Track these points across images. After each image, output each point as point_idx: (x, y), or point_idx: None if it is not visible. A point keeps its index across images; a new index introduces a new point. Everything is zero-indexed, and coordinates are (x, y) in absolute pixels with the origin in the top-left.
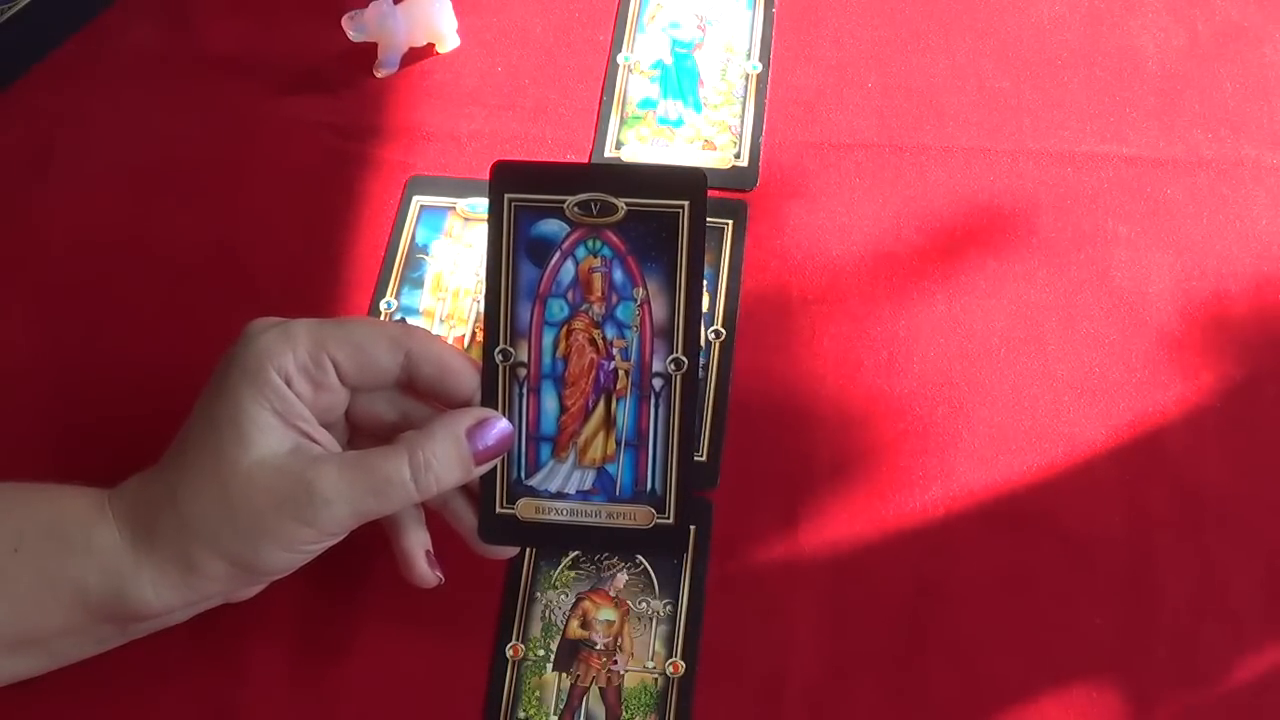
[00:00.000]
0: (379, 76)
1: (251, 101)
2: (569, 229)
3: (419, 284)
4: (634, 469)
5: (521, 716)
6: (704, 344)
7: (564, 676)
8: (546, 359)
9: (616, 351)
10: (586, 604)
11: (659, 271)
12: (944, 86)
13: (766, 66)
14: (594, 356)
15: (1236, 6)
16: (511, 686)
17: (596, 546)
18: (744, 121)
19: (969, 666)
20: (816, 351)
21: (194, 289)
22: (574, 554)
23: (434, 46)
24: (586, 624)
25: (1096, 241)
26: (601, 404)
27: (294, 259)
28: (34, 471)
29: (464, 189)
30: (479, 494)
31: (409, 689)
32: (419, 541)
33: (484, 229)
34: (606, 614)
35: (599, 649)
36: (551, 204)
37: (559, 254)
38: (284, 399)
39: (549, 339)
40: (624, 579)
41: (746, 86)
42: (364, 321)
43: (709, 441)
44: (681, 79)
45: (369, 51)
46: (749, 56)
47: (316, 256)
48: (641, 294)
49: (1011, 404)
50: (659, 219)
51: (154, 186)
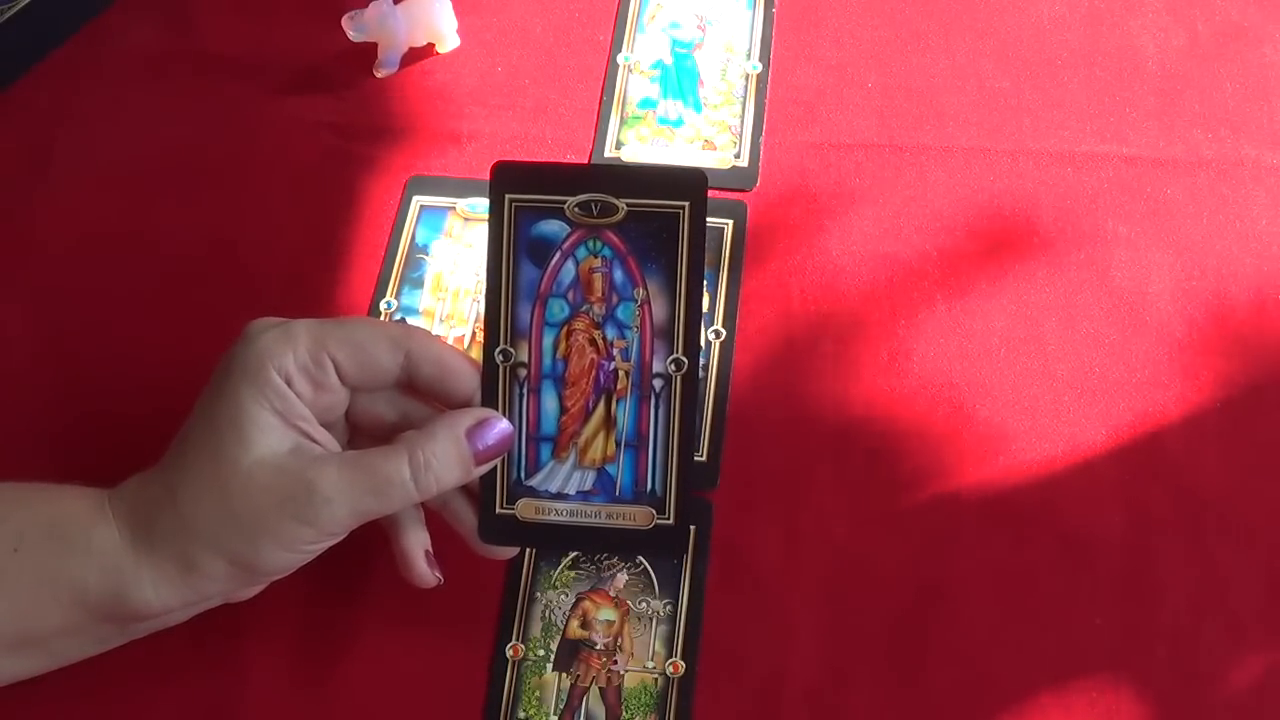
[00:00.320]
0: (379, 76)
1: (251, 101)
2: (569, 229)
3: (419, 284)
4: (634, 469)
5: (521, 716)
6: (704, 344)
7: (564, 676)
8: (547, 359)
9: (617, 352)
10: (586, 604)
11: (659, 272)
12: (944, 86)
13: (766, 66)
14: (594, 357)
15: (1236, 6)
16: (511, 686)
17: (596, 547)
18: (744, 121)
19: (969, 666)
20: (816, 351)
21: (194, 289)
22: (574, 554)
23: (434, 46)
24: (586, 624)
25: (1096, 241)
26: (602, 404)
27: (294, 259)
28: (34, 471)
29: (464, 189)
30: (479, 494)
31: (409, 689)
32: (418, 542)
33: (484, 229)
34: (606, 614)
35: (599, 649)
36: (552, 204)
37: (559, 254)
38: (284, 399)
39: (549, 339)
40: (624, 579)
41: (746, 86)
42: (364, 321)
43: (709, 441)
44: (681, 79)
45: (369, 51)
46: (749, 56)
47: (316, 256)
48: (642, 294)
49: (1011, 404)
50: (659, 219)
51: (154, 186)
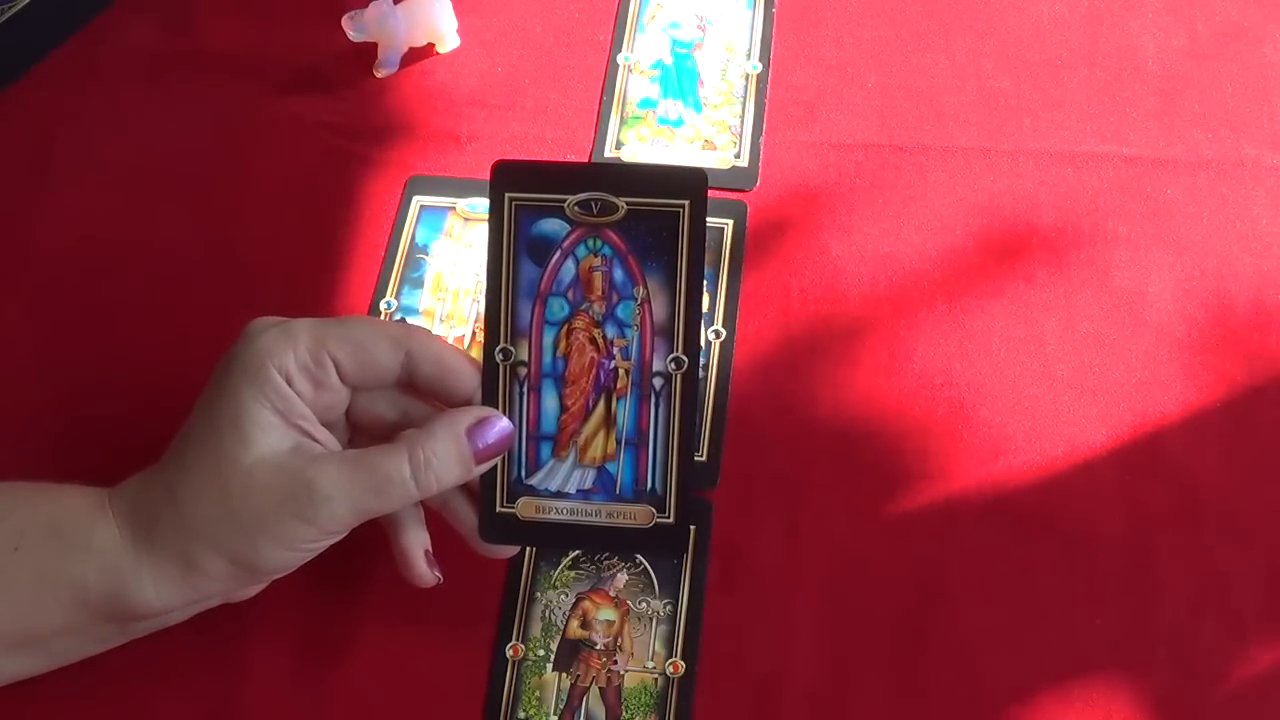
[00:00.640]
0: (379, 76)
1: (251, 101)
2: (569, 228)
3: (419, 284)
4: (634, 468)
5: (521, 716)
6: (704, 344)
7: (564, 676)
8: (547, 358)
9: (617, 351)
10: (586, 604)
11: (659, 271)
12: (944, 86)
13: (766, 66)
14: (594, 355)
15: (1236, 6)
16: (511, 686)
17: (596, 546)
18: (744, 121)
19: (969, 666)
20: (816, 351)
21: (194, 289)
22: (574, 554)
23: (434, 46)
24: (586, 624)
25: (1096, 241)
26: (602, 403)
27: (294, 259)
28: (34, 471)
29: (464, 189)
30: (479, 493)
31: (409, 689)
32: (418, 541)
33: (484, 229)
34: (606, 614)
35: (599, 649)
36: (552, 203)
37: (559, 253)
38: (285, 398)
39: (549, 338)
40: (624, 579)
41: (746, 86)
42: (364, 321)
43: (709, 441)
44: (681, 79)
45: (369, 51)
46: (749, 56)
47: (316, 256)
48: (642, 293)
49: (1011, 404)
50: (659, 218)
51: (154, 186)
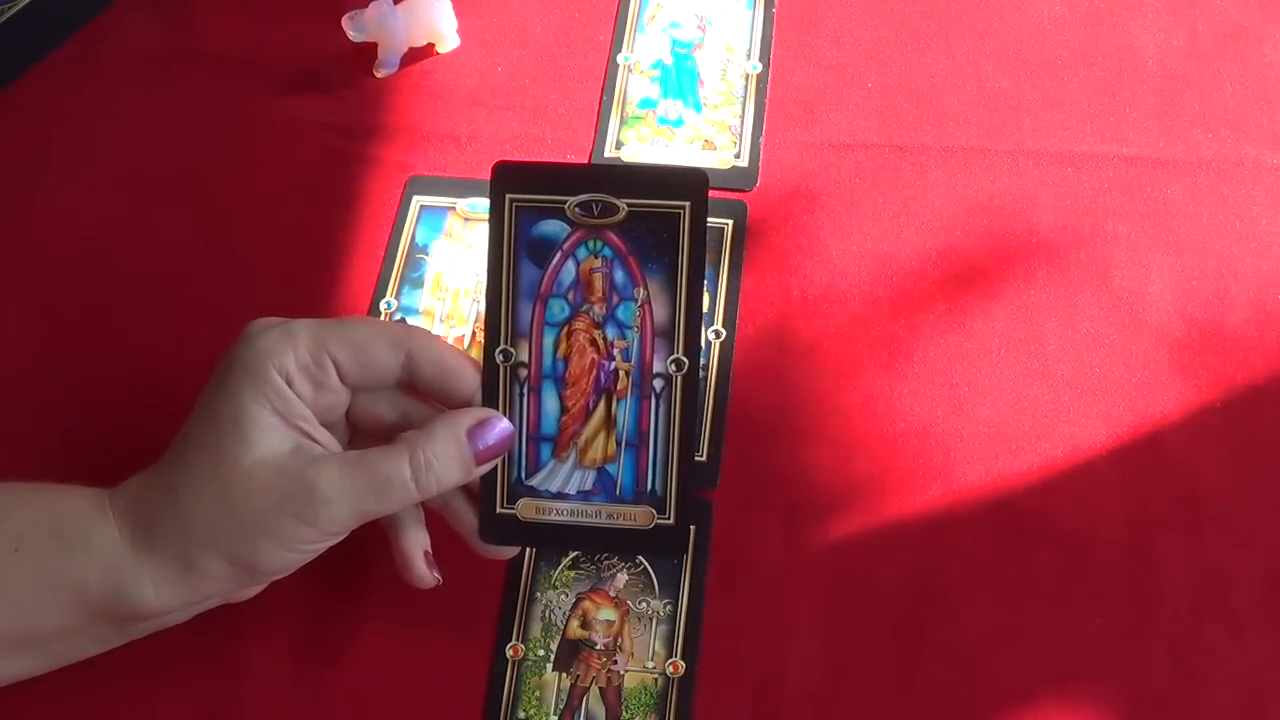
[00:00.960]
0: (379, 76)
1: (251, 101)
2: (570, 229)
3: (419, 284)
4: (634, 469)
5: (521, 716)
6: (704, 344)
7: (564, 676)
8: (547, 359)
9: (617, 352)
10: (586, 604)
11: (660, 272)
12: (944, 86)
13: (766, 66)
14: (595, 357)
15: (1236, 6)
16: (511, 686)
17: (597, 547)
18: (744, 121)
19: (969, 667)
20: (816, 351)
21: (194, 289)
22: (574, 554)
23: (434, 46)
24: (586, 624)
25: (1096, 241)
26: (602, 404)
27: (294, 259)
28: (34, 471)
29: (464, 189)
30: (479, 494)
31: (409, 689)
32: (418, 542)
33: (484, 229)
34: (606, 614)
35: (599, 649)
36: (552, 204)
37: (560, 254)
38: (285, 399)
39: (550, 339)
40: (624, 579)
41: (746, 86)
42: (365, 321)
43: (709, 441)
44: (681, 79)
45: (369, 51)
46: (749, 56)
47: (316, 256)
48: (642, 294)
49: (1011, 404)
50: (660, 220)
51: (154, 186)
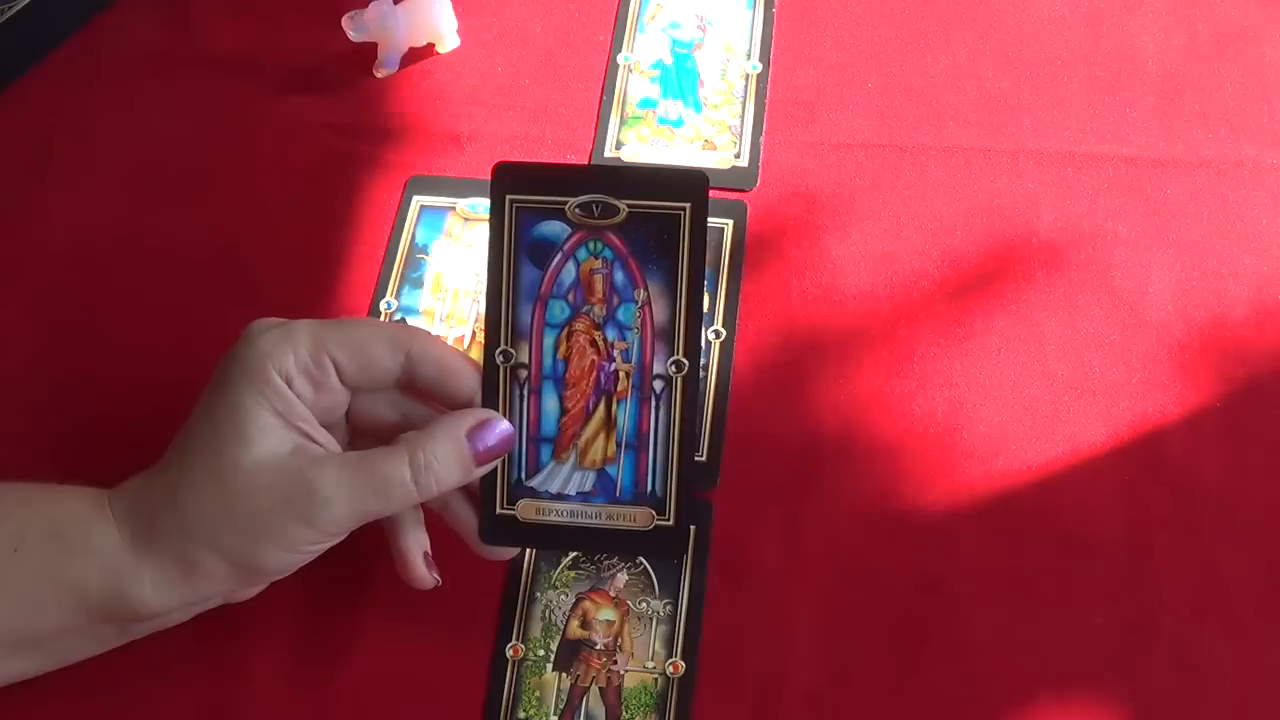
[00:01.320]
0: (379, 76)
1: (252, 101)
2: (570, 230)
3: (419, 284)
4: (634, 470)
5: (521, 716)
6: (704, 344)
7: (564, 676)
8: (547, 360)
9: (617, 353)
10: (586, 604)
11: (660, 273)
12: (944, 86)
13: (766, 66)
14: (595, 358)
15: (1236, 6)
16: (511, 686)
17: (597, 547)
18: (744, 121)
19: (969, 666)
20: (816, 351)
21: (194, 289)
22: (574, 554)
23: (434, 46)
24: (586, 624)
25: (1096, 241)
26: (602, 405)
27: (294, 259)
28: (34, 471)
29: (464, 189)
30: (479, 495)
31: (409, 689)
32: (417, 543)
33: (484, 229)
34: (606, 614)
35: (599, 649)
36: (553, 205)
37: (560, 255)
38: (285, 399)
39: (550, 340)
40: (624, 579)
41: (746, 86)
42: (365, 322)
43: (709, 442)
44: (681, 79)
45: (369, 51)
46: (749, 56)
47: (316, 256)
48: (642, 296)
49: (1011, 404)
50: (660, 221)
51: (154, 186)
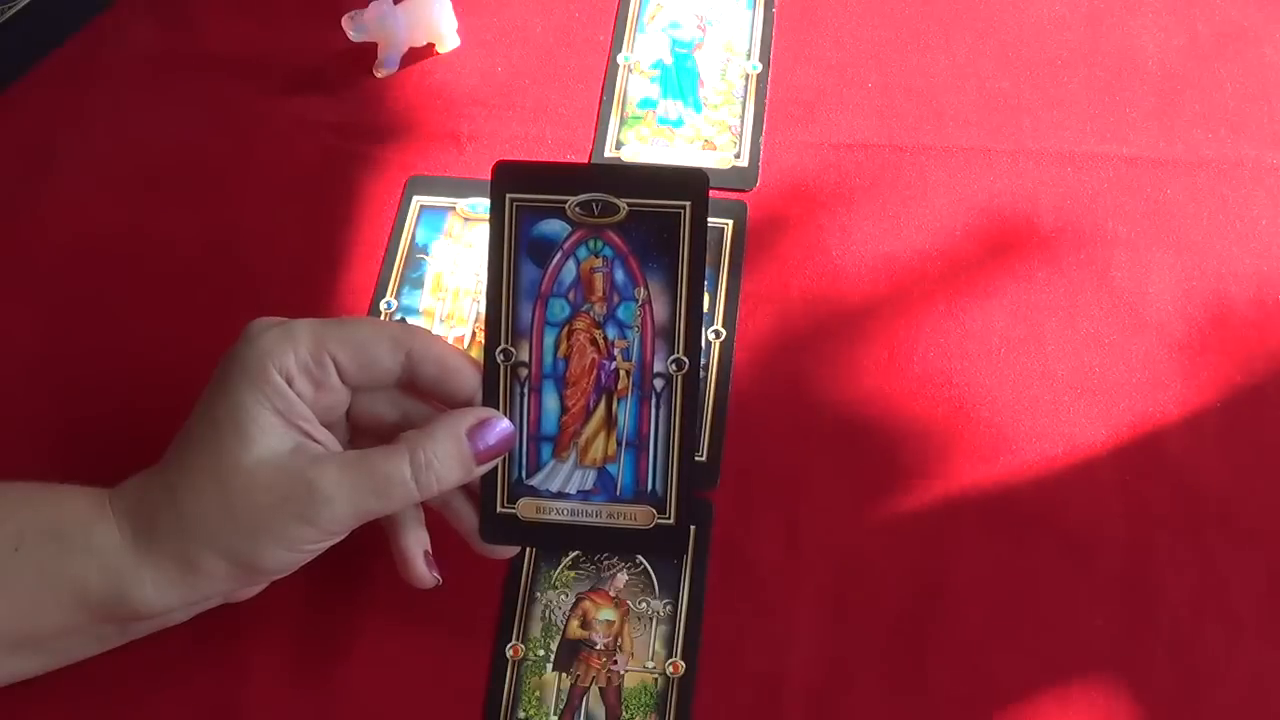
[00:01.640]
0: (379, 76)
1: (252, 101)
2: (570, 229)
3: (419, 284)
4: (635, 469)
5: (521, 716)
6: (704, 344)
7: (564, 676)
8: (548, 359)
9: (618, 352)
10: (586, 604)
11: (660, 272)
12: (944, 86)
13: (766, 66)
14: (595, 357)
15: (1236, 6)
16: (511, 686)
17: (597, 547)
18: (744, 121)
19: (969, 666)
20: (816, 351)
21: (194, 289)
22: (574, 554)
23: (434, 46)
24: (586, 624)
25: (1096, 241)
26: (602, 404)
27: (294, 259)
28: (34, 471)
29: (464, 189)
30: (479, 494)
31: (409, 689)
32: (417, 542)
33: (484, 229)
34: (606, 614)
35: (599, 649)
36: (553, 204)
37: (560, 254)
38: (285, 398)
39: (550, 339)
40: (624, 579)
41: (746, 86)
42: (365, 321)
43: (709, 441)
44: (681, 79)
45: (369, 51)
46: (749, 56)
47: (316, 256)
48: (643, 294)
49: (1011, 404)
50: (660, 219)
51: (154, 186)
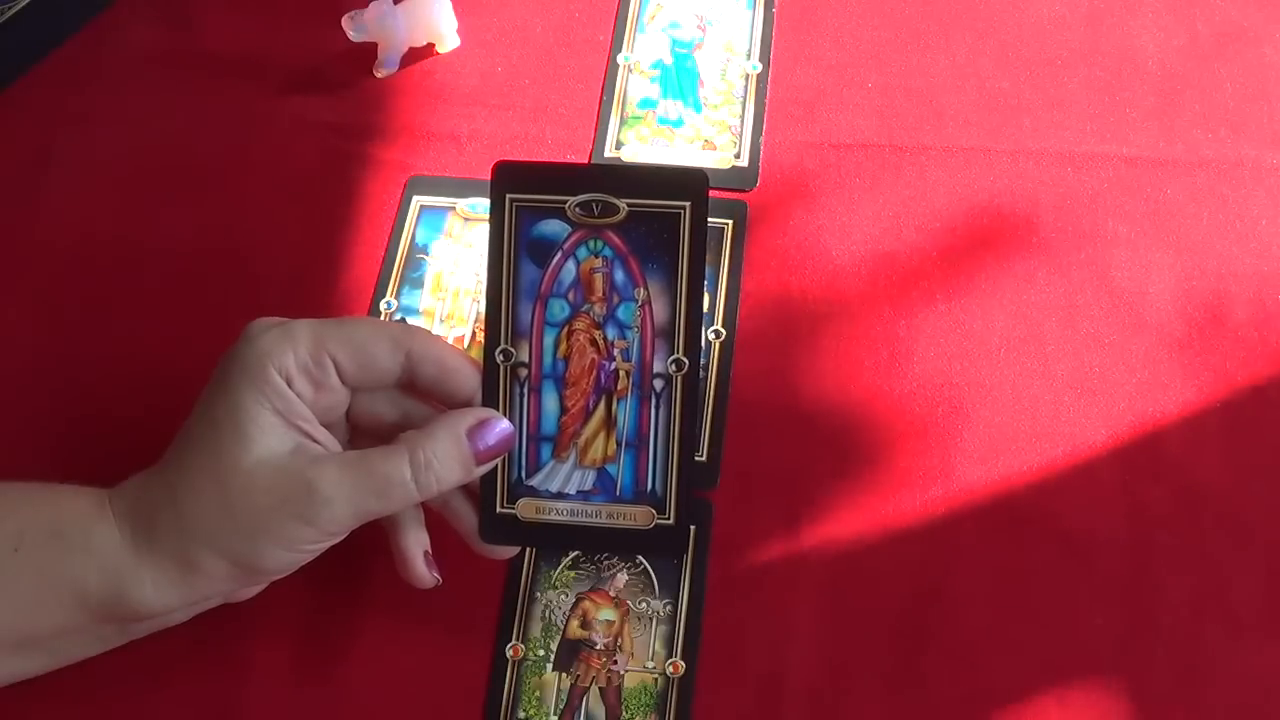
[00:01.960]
0: (379, 76)
1: (252, 101)
2: (570, 229)
3: (419, 284)
4: (634, 469)
5: (521, 716)
6: (704, 344)
7: (564, 676)
8: (547, 359)
9: (617, 352)
10: (586, 604)
11: (660, 272)
12: (944, 86)
13: (766, 66)
14: (595, 357)
15: (1236, 6)
16: (511, 686)
17: (597, 547)
18: (744, 121)
19: (969, 666)
20: (816, 351)
21: (194, 289)
22: (574, 554)
23: (434, 46)
24: (586, 624)
25: (1096, 241)
26: (602, 404)
27: (294, 259)
28: (34, 471)
29: (464, 189)
30: (479, 494)
31: (409, 689)
32: (417, 542)
33: (484, 229)
34: (606, 614)
35: (599, 649)
36: (553, 204)
37: (560, 254)
38: (285, 399)
39: (550, 339)
40: (624, 579)
41: (746, 86)
42: (365, 321)
43: (709, 441)
44: (681, 79)
45: (369, 51)
46: (749, 56)
47: (316, 256)
48: (643, 295)
49: (1011, 404)
50: (660, 220)
51: (154, 186)
